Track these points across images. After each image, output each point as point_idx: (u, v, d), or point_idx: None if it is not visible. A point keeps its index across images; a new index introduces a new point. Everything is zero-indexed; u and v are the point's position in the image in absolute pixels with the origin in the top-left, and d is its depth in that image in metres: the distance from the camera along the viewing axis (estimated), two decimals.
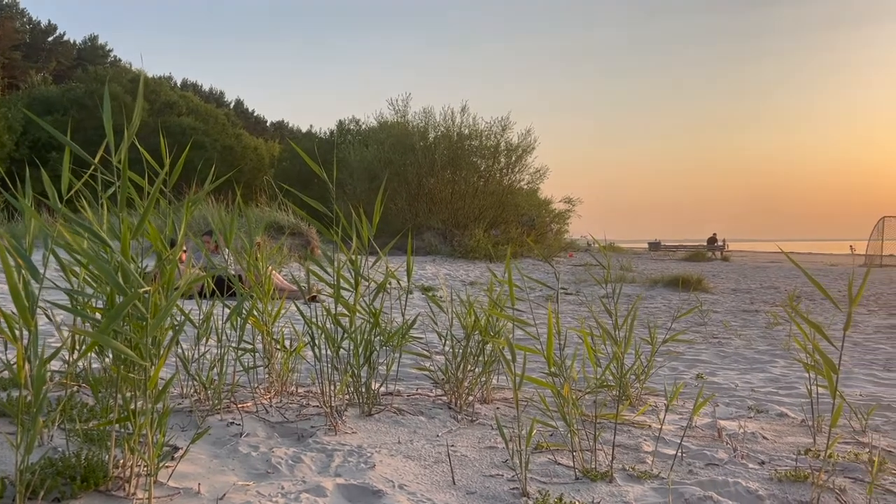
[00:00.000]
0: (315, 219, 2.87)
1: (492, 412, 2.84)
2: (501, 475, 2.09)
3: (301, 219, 13.16)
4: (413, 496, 1.90)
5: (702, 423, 2.81)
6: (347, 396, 2.77)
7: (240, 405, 2.63)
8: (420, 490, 1.95)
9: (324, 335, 2.66)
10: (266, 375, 2.93)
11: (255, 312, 2.77)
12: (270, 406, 2.68)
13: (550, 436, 2.50)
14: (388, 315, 3.21)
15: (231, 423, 2.43)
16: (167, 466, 1.95)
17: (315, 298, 6.56)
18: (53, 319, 2.35)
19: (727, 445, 2.49)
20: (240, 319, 2.68)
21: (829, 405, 3.04)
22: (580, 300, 9.10)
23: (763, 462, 2.31)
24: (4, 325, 1.62)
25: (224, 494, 1.84)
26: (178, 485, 1.87)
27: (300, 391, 2.99)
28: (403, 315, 3.04)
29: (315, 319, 2.73)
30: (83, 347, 2.40)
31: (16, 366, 1.60)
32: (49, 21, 48.52)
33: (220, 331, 2.68)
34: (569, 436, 2.20)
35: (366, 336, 2.69)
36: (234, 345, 2.69)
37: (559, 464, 2.21)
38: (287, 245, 11.86)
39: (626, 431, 2.64)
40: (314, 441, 2.32)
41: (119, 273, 1.73)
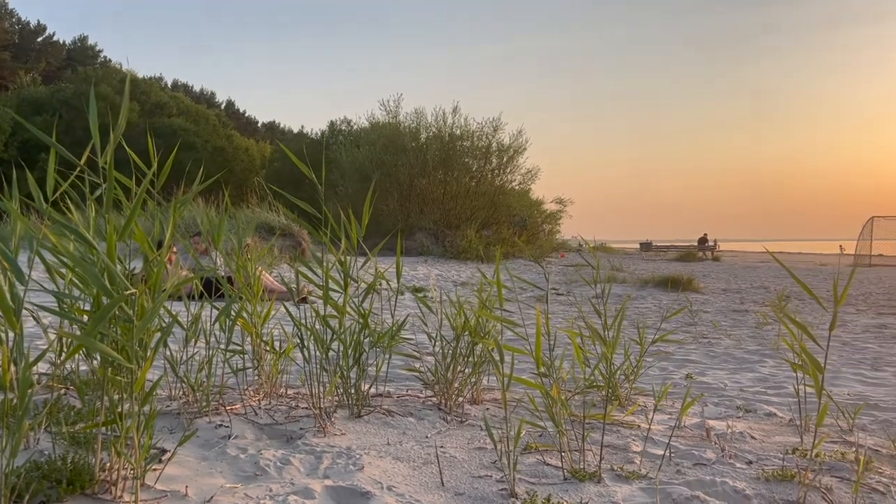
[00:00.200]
0: (306, 220, 2.87)
1: (481, 413, 2.85)
2: (490, 476, 2.09)
3: (292, 220, 13.14)
4: (401, 498, 1.89)
5: (691, 423, 2.82)
6: (337, 398, 2.77)
7: (228, 407, 2.62)
8: (409, 491, 1.95)
9: (313, 337, 2.65)
10: (255, 377, 2.92)
11: (245, 314, 2.77)
12: (259, 408, 2.67)
13: (539, 436, 2.51)
14: (379, 316, 3.21)
15: (219, 426, 2.42)
16: (154, 469, 1.95)
17: (305, 300, 6.55)
18: (40, 322, 2.34)
19: (715, 445, 2.50)
20: (228, 321, 2.68)
21: (818, 405, 3.06)
22: (571, 301, 9.12)
23: (751, 462, 2.32)
24: None
25: (212, 497, 1.83)
26: (166, 487, 1.86)
27: (290, 393, 2.98)
28: (393, 316, 3.03)
29: (304, 321, 2.72)
30: (70, 350, 2.39)
31: (1, 368, 1.60)
32: (38, 21, 48.23)
33: (209, 333, 2.68)
34: (557, 436, 2.21)
35: (355, 337, 2.69)
36: (223, 347, 2.68)
37: (548, 464, 2.21)
38: (278, 246, 11.83)
39: (616, 432, 2.65)
40: (303, 443, 2.31)
41: (105, 275, 1.72)
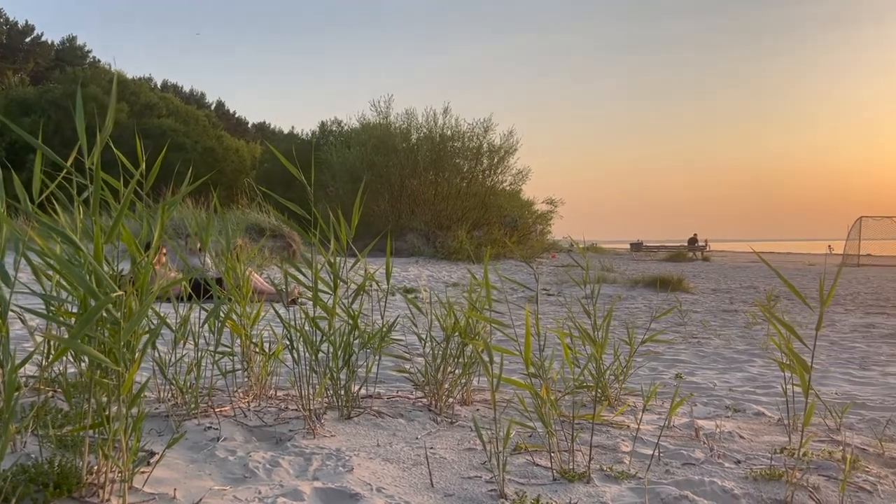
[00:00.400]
0: (296, 221, 2.86)
1: (471, 414, 2.85)
2: (480, 477, 2.09)
3: (282, 221, 13.11)
4: (391, 499, 1.89)
5: (680, 423, 2.83)
6: (326, 400, 2.76)
7: (217, 409, 2.61)
8: (398, 493, 1.95)
9: (302, 338, 2.65)
10: (245, 379, 2.91)
11: (234, 316, 2.76)
12: (248, 410, 2.67)
13: (529, 437, 2.51)
14: (370, 317, 3.21)
15: (208, 428, 2.41)
16: (143, 472, 1.94)
17: (295, 301, 6.53)
18: (27, 324, 2.33)
19: (704, 445, 2.51)
20: (217, 323, 2.67)
21: (805, 404, 3.07)
22: (561, 301, 9.14)
23: (739, 461, 2.33)
24: None
25: (200, 499, 1.83)
26: (154, 490, 1.85)
27: (279, 395, 2.97)
28: (383, 317, 3.03)
29: (294, 322, 2.72)
30: (56, 352, 2.38)
31: None
32: (27, 21, 47.86)
33: (198, 334, 2.67)
34: (547, 437, 2.21)
35: (345, 339, 2.69)
36: (212, 348, 2.67)
37: (537, 465, 2.22)
38: (268, 247, 11.80)
39: (605, 432, 2.66)
40: (292, 445, 2.31)
41: (92, 277, 1.71)
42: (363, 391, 3.05)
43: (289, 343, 2.70)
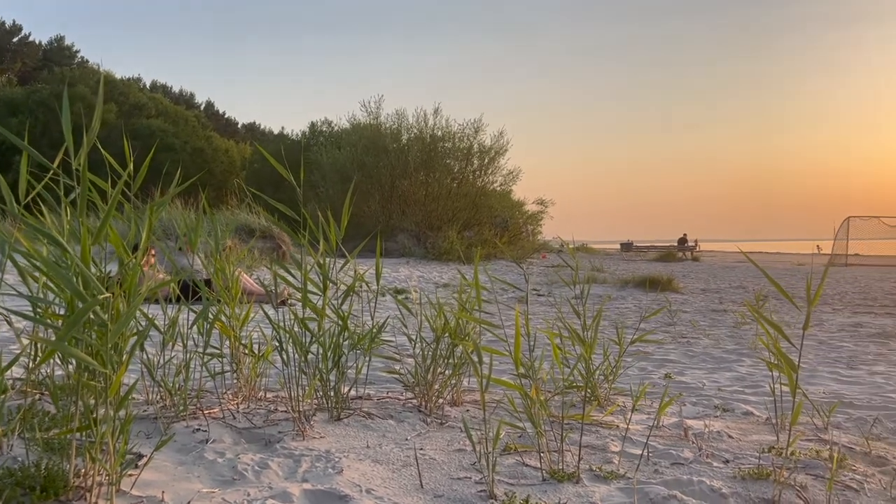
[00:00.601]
0: (286, 222, 2.85)
1: (461, 415, 2.85)
2: (469, 478, 2.10)
3: (271, 222, 13.07)
4: (380, 500, 1.89)
5: (669, 423, 2.84)
6: (316, 401, 2.76)
7: (206, 411, 2.60)
8: (387, 494, 1.94)
9: (291, 339, 2.64)
10: (234, 381, 2.90)
11: (223, 317, 2.75)
12: (238, 412, 2.66)
13: (519, 437, 2.51)
14: (360, 318, 3.21)
15: (197, 430, 2.40)
16: (130, 475, 1.93)
17: (285, 302, 6.52)
18: (13, 326, 2.31)
19: (693, 444, 2.52)
20: (206, 324, 2.66)
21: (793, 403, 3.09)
22: (552, 301, 9.15)
23: (727, 460, 2.35)
24: None
25: (188, 502, 1.82)
26: (142, 493, 1.85)
27: (269, 396, 2.96)
28: (373, 318, 3.03)
29: (283, 323, 2.71)
30: (43, 354, 2.36)
31: None
32: (14, 21, 47.46)
33: (186, 336, 2.65)
34: (536, 437, 2.22)
35: (334, 340, 2.68)
36: (201, 350, 2.66)
37: (527, 465, 2.22)
38: (258, 248, 11.76)
39: (595, 432, 2.66)
40: (281, 447, 2.30)
41: (79, 279, 1.70)
42: (353, 392, 3.04)
43: (278, 344, 2.70)
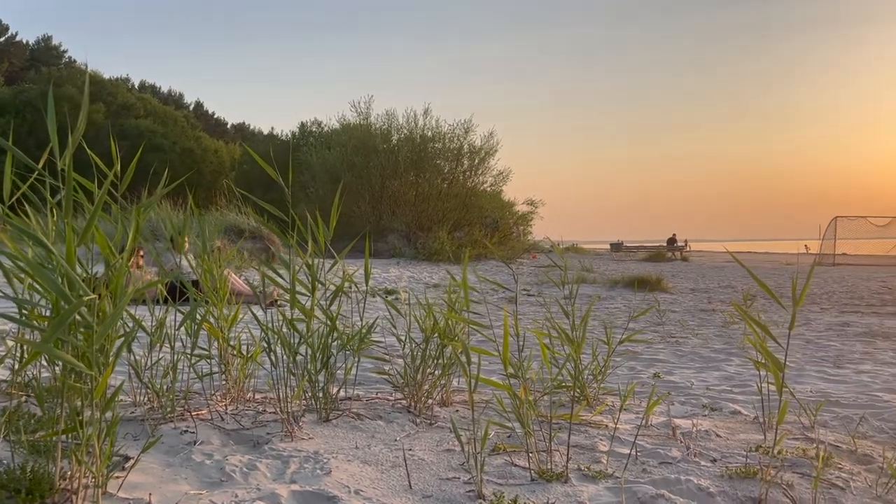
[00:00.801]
0: (275, 222, 2.85)
1: (450, 415, 2.85)
2: (458, 478, 2.10)
3: (261, 223, 13.03)
4: (369, 501, 1.89)
5: (657, 422, 2.85)
6: (305, 402, 2.75)
7: (194, 413, 2.59)
8: (376, 495, 1.94)
9: (280, 340, 2.63)
10: (223, 382, 2.89)
11: (211, 318, 2.74)
12: (226, 413, 2.65)
13: (508, 437, 2.52)
14: (349, 319, 3.20)
15: (185, 432, 2.39)
16: (117, 477, 1.92)
17: (275, 303, 6.50)
18: None
19: (681, 444, 2.53)
20: (193, 325, 2.64)
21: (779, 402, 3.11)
22: (541, 301, 9.17)
23: (715, 460, 2.36)
24: None
25: None
26: (129, 495, 1.83)
27: (257, 397, 2.95)
28: (362, 319, 3.03)
29: (272, 324, 2.70)
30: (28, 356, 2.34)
31: None
32: (0, 21, 47.16)
33: (173, 337, 2.64)
34: (525, 437, 2.22)
35: (323, 341, 2.68)
36: (189, 351, 2.65)
37: (516, 465, 2.22)
38: (247, 249, 11.73)
39: (583, 431, 2.67)
40: (270, 448, 2.29)
41: (64, 280, 1.69)
42: (342, 393, 3.04)
43: (267, 346, 2.69)
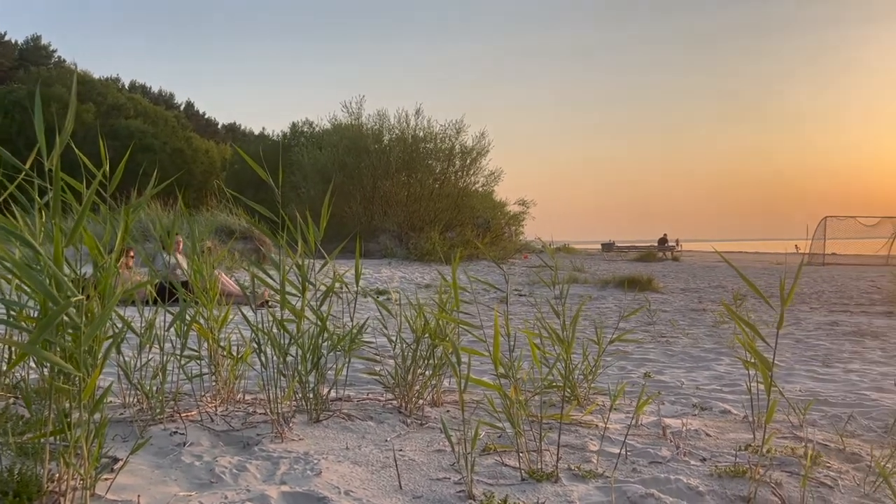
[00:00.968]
0: (266, 223, 2.84)
1: (441, 415, 2.85)
2: (448, 478, 2.10)
3: (251, 223, 12.99)
4: (359, 502, 1.89)
5: (647, 422, 2.86)
6: (295, 403, 2.75)
7: (184, 414, 2.58)
8: (366, 496, 1.94)
9: (270, 341, 2.63)
10: (213, 383, 2.88)
11: (201, 319, 2.72)
12: (216, 414, 2.64)
13: (498, 437, 2.52)
14: (340, 319, 3.19)
15: (174, 433, 2.38)
16: (106, 479, 1.91)
17: (266, 304, 6.48)
18: None
19: (671, 443, 2.54)
20: (183, 326, 2.63)
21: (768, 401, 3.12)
22: (532, 302, 9.18)
23: (705, 459, 2.37)
24: None
25: None
26: (117, 497, 1.83)
27: (247, 399, 2.94)
28: (353, 319, 3.02)
29: (262, 325, 2.69)
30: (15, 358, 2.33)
31: None
32: None
33: (163, 338, 2.63)
34: (515, 437, 2.22)
35: (313, 341, 2.67)
36: (179, 352, 2.63)
37: (506, 465, 2.22)
38: (238, 249, 11.69)
39: (574, 431, 2.67)
40: (260, 449, 2.29)
41: (52, 281, 1.68)
42: (332, 394, 3.03)
43: (257, 346, 2.68)
